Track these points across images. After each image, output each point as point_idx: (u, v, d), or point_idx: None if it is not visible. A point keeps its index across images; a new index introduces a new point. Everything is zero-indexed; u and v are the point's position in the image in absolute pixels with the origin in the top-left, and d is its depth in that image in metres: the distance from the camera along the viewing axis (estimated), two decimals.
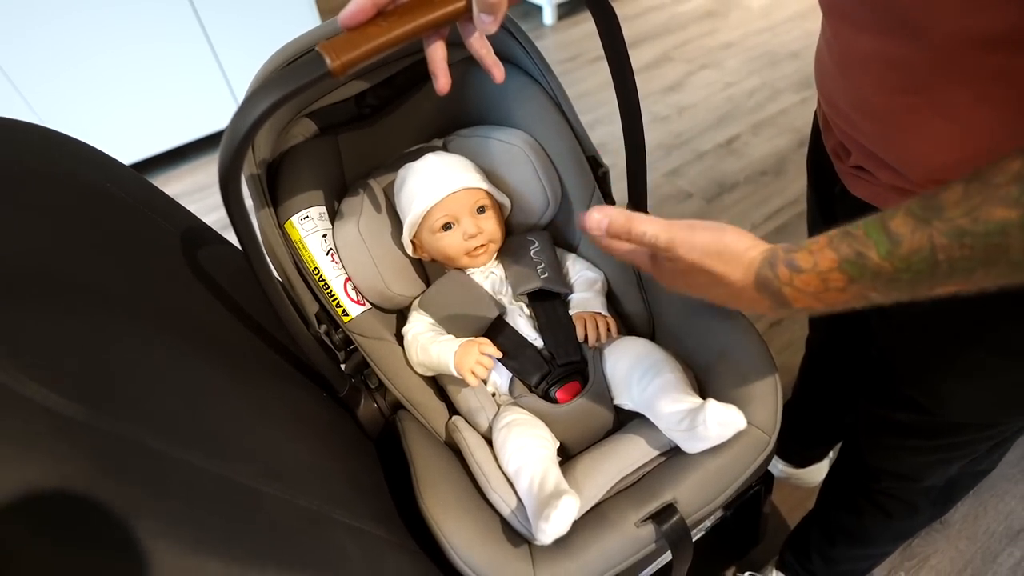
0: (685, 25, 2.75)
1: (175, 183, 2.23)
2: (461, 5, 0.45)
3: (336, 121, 0.73)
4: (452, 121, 0.78)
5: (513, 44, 0.67)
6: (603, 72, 0.58)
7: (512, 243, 0.72)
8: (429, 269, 0.74)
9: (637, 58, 2.55)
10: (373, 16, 0.43)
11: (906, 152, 0.52)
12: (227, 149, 0.43)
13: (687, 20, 2.78)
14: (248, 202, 0.56)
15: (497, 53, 0.71)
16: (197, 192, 2.17)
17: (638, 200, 0.70)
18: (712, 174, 1.98)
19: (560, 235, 0.76)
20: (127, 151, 2.16)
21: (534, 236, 0.72)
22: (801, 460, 1.21)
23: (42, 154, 0.52)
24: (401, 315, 0.74)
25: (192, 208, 0.71)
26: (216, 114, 2.25)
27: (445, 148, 0.76)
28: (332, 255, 0.66)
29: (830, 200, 0.71)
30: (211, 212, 2.08)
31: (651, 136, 2.17)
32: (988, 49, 0.40)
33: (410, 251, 0.71)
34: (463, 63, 0.74)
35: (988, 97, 0.42)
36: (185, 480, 0.37)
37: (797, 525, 1.03)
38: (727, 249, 0.48)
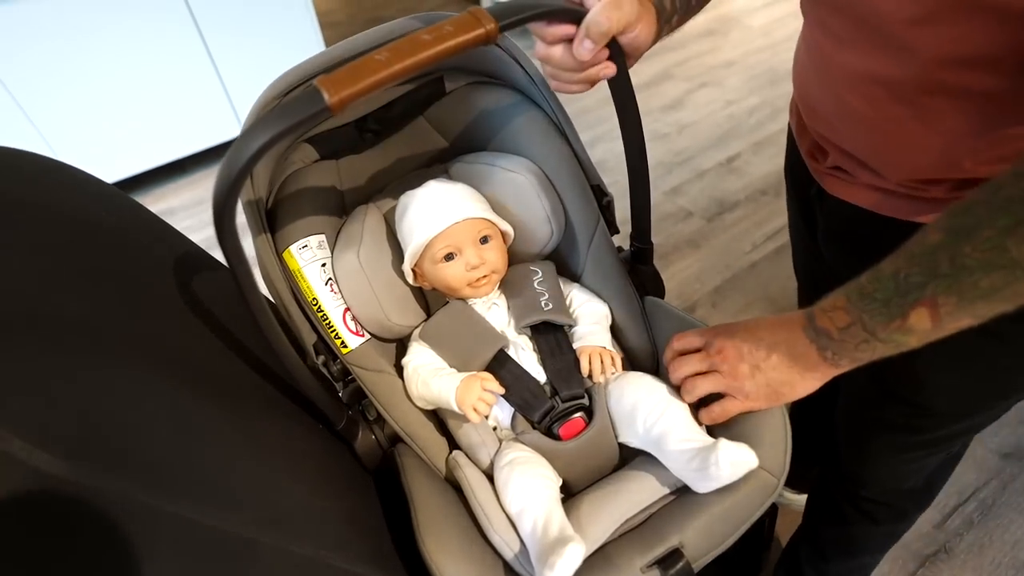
0: (685, 43, 2.76)
1: (174, 196, 2.22)
2: (478, 34, 0.44)
3: (336, 147, 0.72)
4: (455, 146, 0.77)
5: (516, 69, 0.66)
6: (602, 88, 0.57)
7: (515, 273, 0.70)
8: (430, 298, 0.73)
9: (638, 75, 2.54)
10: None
11: (888, 157, 0.55)
12: (223, 183, 0.42)
13: (687, 38, 2.79)
14: (244, 220, 0.55)
15: (499, 78, 0.71)
16: (196, 206, 2.16)
17: (641, 234, 0.69)
18: (712, 192, 1.98)
19: (564, 265, 0.74)
20: (128, 164, 2.16)
21: (537, 266, 0.71)
22: (803, 485, 1.20)
23: (33, 183, 0.51)
24: (401, 344, 0.72)
25: (189, 222, 0.70)
26: (216, 128, 2.25)
27: (448, 174, 0.75)
28: (331, 285, 0.65)
29: (808, 202, 0.72)
30: (207, 227, 2.07)
31: (652, 154, 2.16)
32: (968, 67, 0.44)
33: (411, 280, 0.69)
34: (466, 87, 0.73)
35: (965, 108, 0.47)
36: (175, 536, 0.35)
37: (786, 545, 1.03)
38: (764, 320, 0.55)
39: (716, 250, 1.78)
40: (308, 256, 0.64)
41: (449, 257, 0.66)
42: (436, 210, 0.65)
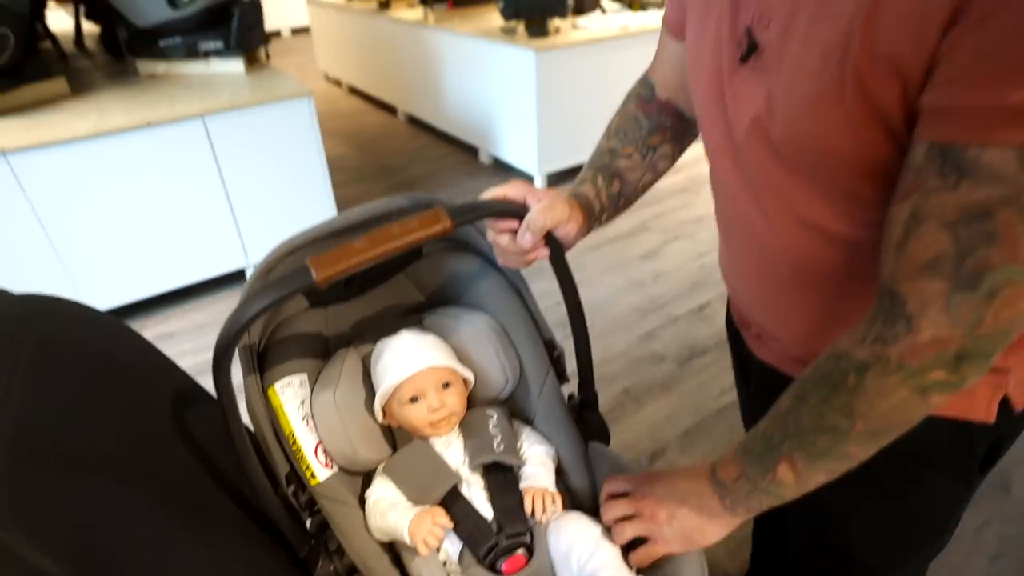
0: (661, 199, 3.04)
1: (176, 320, 2.34)
2: (437, 229, 0.57)
3: (326, 297, 0.84)
4: (429, 300, 0.89)
5: (482, 242, 0.80)
6: (589, 238, 0.72)
7: (473, 415, 0.79)
8: (397, 435, 0.81)
9: (617, 227, 2.78)
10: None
11: (781, 331, 0.64)
12: (224, 338, 0.52)
13: (663, 194, 3.08)
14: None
15: (468, 246, 0.84)
16: (196, 330, 2.27)
17: (586, 384, 0.79)
18: (684, 339, 2.10)
19: (518, 408, 0.83)
20: (137, 288, 2.30)
21: (493, 410, 0.79)
22: None
23: (64, 327, 0.61)
24: (367, 478, 0.79)
25: (187, 345, 0.79)
26: (224, 258, 2.42)
27: (421, 324, 0.86)
28: (307, 420, 0.73)
29: (744, 360, 0.82)
30: (203, 351, 2.16)
31: (629, 300, 2.32)
32: (840, 250, 0.53)
33: (380, 418, 0.78)
34: (441, 251, 0.86)
35: (842, 293, 0.57)
36: None
37: None
38: (680, 470, 0.63)
39: (686, 394, 1.87)
40: (290, 394, 0.73)
41: (414, 400, 0.75)
42: (406, 357, 0.75)
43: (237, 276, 2.53)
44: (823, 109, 0.46)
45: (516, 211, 0.62)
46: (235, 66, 2.55)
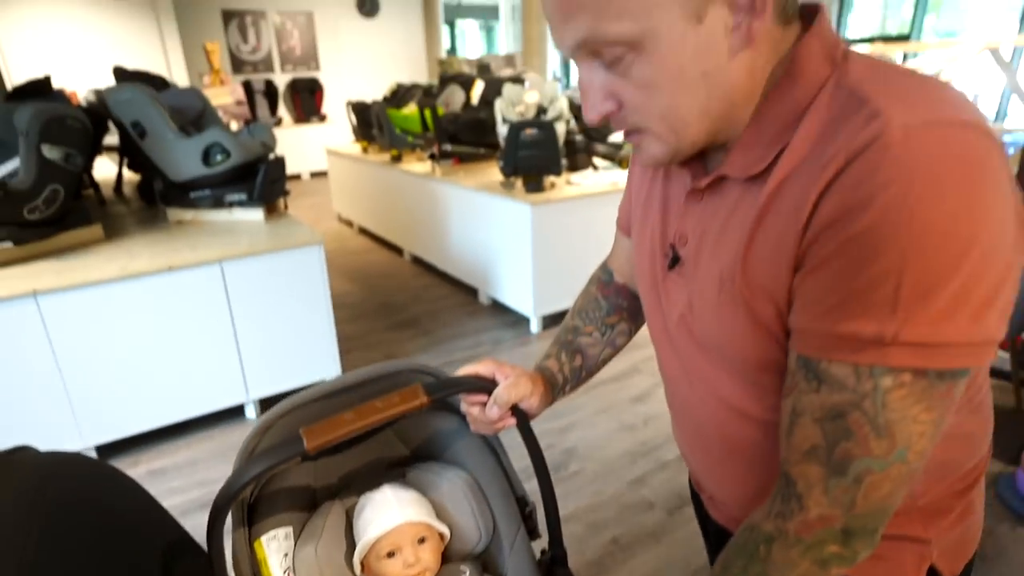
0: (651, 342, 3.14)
1: (169, 456, 2.36)
2: (415, 404, 0.66)
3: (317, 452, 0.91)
4: (414, 454, 0.95)
5: (462, 405, 0.88)
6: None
7: (447, 571, 0.83)
8: None
9: (609, 369, 2.86)
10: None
11: (732, 498, 0.69)
12: (220, 501, 0.59)
13: None
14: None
15: (450, 406, 0.93)
16: (188, 466, 2.29)
17: (555, 541, 0.84)
18: (673, 485, 2.10)
19: (491, 563, 0.87)
20: (136, 422, 2.35)
21: (467, 565, 0.83)
22: None
23: (82, 487, 0.68)
24: None
25: (178, 483, 0.84)
26: (224, 394, 2.50)
27: (404, 478, 0.92)
28: (288, 573, 0.77)
29: (704, 520, 0.86)
30: (193, 488, 2.17)
31: (619, 444, 2.35)
32: (758, 429, 0.61)
33: (358, 572, 0.82)
34: (426, 412, 0.94)
35: (765, 465, 0.62)
36: None
37: None
38: None
39: (676, 544, 1.84)
40: (275, 547, 0.77)
41: (391, 555, 0.79)
42: (385, 513, 0.81)
43: (236, 411, 2.59)
44: (725, 318, 0.57)
45: (485, 387, 0.71)
46: (255, 215, 2.79)
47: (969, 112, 0.45)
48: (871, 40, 8.41)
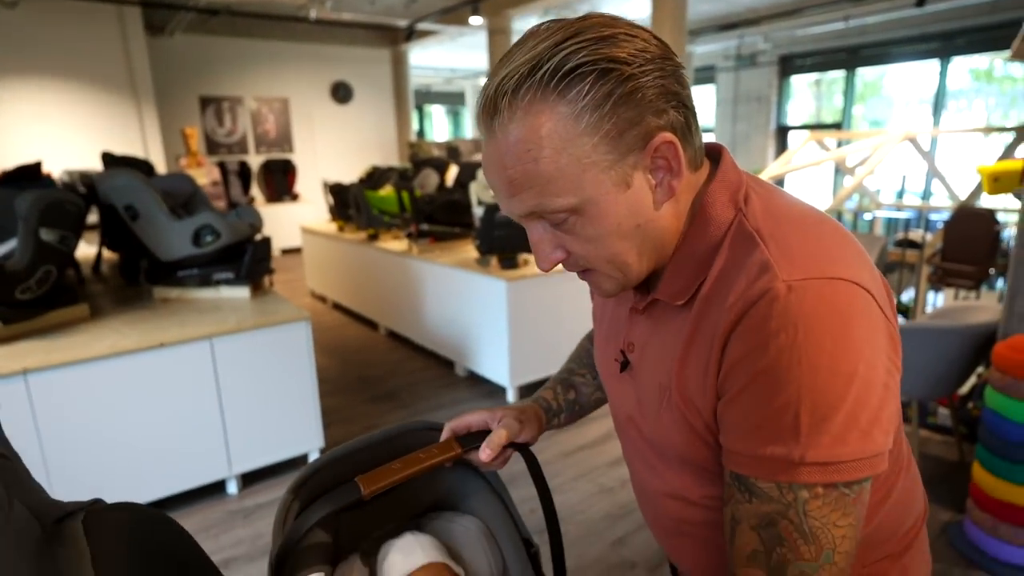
0: None
1: None
2: (452, 455, 0.78)
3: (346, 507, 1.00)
4: (430, 504, 1.06)
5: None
6: (561, 445, 0.90)
7: None
8: None
9: (585, 435, 2.98)
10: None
11: (693, 570, 0.78)
12: (288, 542, 0.69)
13: None
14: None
15: (461, 460, 1.04)
16: None
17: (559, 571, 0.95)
18: (653, 544, 2.18)
19: None
20: (118, 497, 2.32)
21: None
22: None
23: (173, 534, 0.77)
24: None
25: None
26: (206, 469, 2.50)
27: (420, 527, 1.02)
28: None
29: None
30: None
31: (599, 507, 2.43)
32: (699, 511, 0.70)
33: None
34: (442, 468, 1.06)
35: (711, 543, 0.71)
36: None
37: None
38: None
39: None
40: None
41: None
42: (409, 556, 0.90)
43: (217, 487, 2.58)
44: (664, 422, 0.66)
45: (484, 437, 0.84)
46: (242, 292, 2.89)
47: (840, 265, 0.55)
48: (808, 127, 9.20)
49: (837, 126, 8.84)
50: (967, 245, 4.04)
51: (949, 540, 2.15)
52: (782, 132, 9.53)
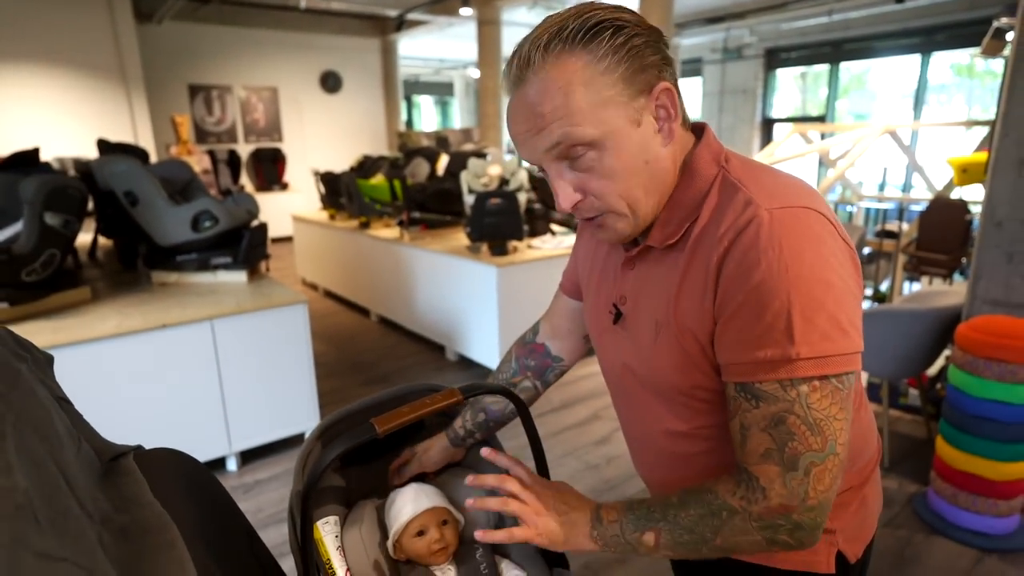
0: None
1: None
2: (454, 400, 0.88)
3: (352, 460, 1.10)
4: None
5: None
6: (549, 426, 1.00)
7: (463, 549, 1.02)
8: (403, 570, 1.03)
9: (572, 416, 3.09)
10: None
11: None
12: (310, 478, 0.79)
13: None
14: None
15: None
16: None
17: None
18: None
19: (499, 546, 1.07)
20: None
21: (479, 544, 1.03)
22: None
23: (205, 475, 0.86)
24: None
25: None
26: (206, 447, 2.59)
27: (425, 480, 1.12)
28: (340, 551, 0.95)
29: None
30: None
31: (584, 483, 2.55)
32: (691, 443, 0.80)
33: (392, 553, 1.00)
34: (437, 427, 1.16)
35: (702, 469, 0.80)
36: None
37: None
38: (572, 492, 0.88)
39: (642, 568, 2.03)
40: (328, 530, 0.96)
41: (420, 533, 0.99)
42: (414, 500, 1.00)
43: (217, 464, 2.67)
44: (659, 356, 0.75)
45: (500, 390, 0.94)
46: (239, 277, 2.96)
47: (806, 198, 0.67)
48: (793, 120, 9.34)
49: (822, 119, 8.99)
50: (941, 235, 4.19)
51: (914, 510, 2.29)
52: (767, 124, 9.68)
